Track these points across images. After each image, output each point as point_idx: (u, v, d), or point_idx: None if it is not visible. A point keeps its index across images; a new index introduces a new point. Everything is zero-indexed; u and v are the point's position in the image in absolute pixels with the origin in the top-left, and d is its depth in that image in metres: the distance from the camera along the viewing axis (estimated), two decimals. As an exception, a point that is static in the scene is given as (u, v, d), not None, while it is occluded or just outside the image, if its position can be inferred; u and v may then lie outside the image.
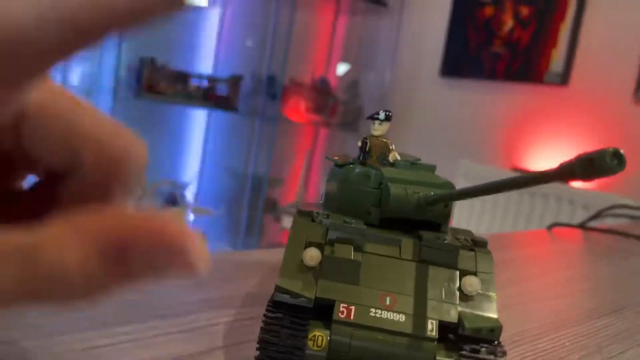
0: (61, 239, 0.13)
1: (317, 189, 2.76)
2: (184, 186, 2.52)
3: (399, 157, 0.36)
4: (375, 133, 0.37)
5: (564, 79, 1.92)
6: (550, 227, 0.95)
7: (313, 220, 0.31)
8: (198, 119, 2.59)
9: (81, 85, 2.16)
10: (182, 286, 0.41)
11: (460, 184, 1.68)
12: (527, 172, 1.94)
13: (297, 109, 2.56)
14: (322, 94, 2.63)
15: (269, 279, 0.46)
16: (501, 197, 1.93)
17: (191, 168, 2.62)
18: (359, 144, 0.37)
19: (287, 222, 2.56)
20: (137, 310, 0.35)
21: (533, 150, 1.99)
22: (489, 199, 1.96)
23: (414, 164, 0.37)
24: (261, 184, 2.49)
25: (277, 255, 0.54)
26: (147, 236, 0.14)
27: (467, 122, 2.25)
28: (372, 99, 2.65)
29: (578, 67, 1.91)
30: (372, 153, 0.36)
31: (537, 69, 2.00)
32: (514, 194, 1.88)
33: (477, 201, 2.01)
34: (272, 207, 2.63)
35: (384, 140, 0.37)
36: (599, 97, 1.84)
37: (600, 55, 1.85)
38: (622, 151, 0.19)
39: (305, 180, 2.72)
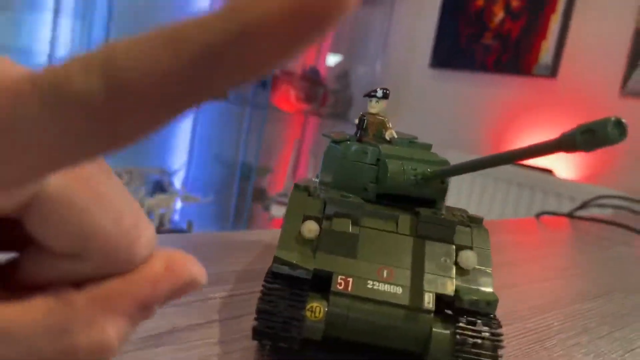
0: (94, 314, 0.15)
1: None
2: (172, 173, 2.51)
3: (395, 135, 0.36)
4: (373, 110, 0.37)
5: (553, 71, 1.94)
6: (538, 216, 0.96)
7: (310, 195, 0.31)
8: (187, 106, 2.57)
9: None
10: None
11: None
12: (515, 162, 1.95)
13: (287, 98, 2.55)
14: (312, 84, 2.62)
15: (262, 257, 0.46)
16: (488, 188, 1.95)
17: (180, 155, 2.60)
18: (356, 121, 0.37)
19: (276, 210, 2.56)
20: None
21: (522, 142, 2.00)
22: (476, 190, 1.97)
23: (410, 142, 0.37)
24: (250, 172, 2.48)
25: (270, 235, 0.54)
26: (167, 286, 0.16)
27: (457, 113, 2.26)
28: (362, 90, 2.63)
29: (567, 60, 1.92)
30: (369, 130, 0.36)
31: (527, 61, 2.01)
32: (501, 185, 1.89)
33: (464, 192, 2.02)
34: (261, 196, 2.62)
35: (381, 117, 0.37)
36: (587, 89, 1.85)
37: (589, 48, 1.87)
38: (624, 120, 0.20)
39: (293, 169, 2.72)
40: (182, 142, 2.61)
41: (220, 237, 0.52)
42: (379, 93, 0.36)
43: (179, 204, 2.49)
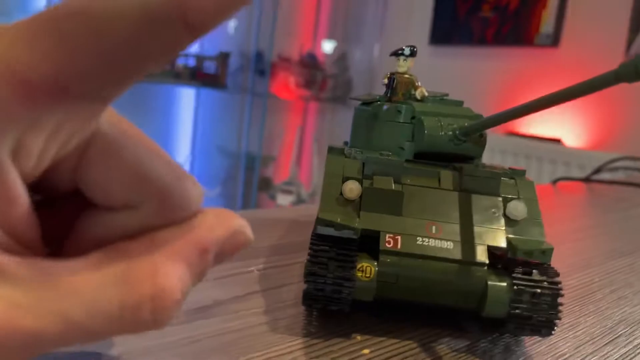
0: (153, 261, 0.14)
1: (310, 164, 2.74)
2: (176, 168, 2.49)
3: (426, 93, 0.35)
4: (401, 69, 0.36)
5: (554, 40, 1.91)
6: (555, 182, 0.94)
7: (346, 157, 0.30)
8: (187, 98, 2.56)
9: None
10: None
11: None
12: (522, 134, 1.94)
13: (286, 85, 2.53)
14: (310, 69, 2.60)
15: (291, 231, 0.45)
16: (496, 159, 1.93)
17: (183, 149, 2.59)
18: (385, 80, 0.36)
19: (282, 199, 2.55)
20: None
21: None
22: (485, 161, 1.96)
23: (442, 99, 0.36)
24: (254, 162, 2.47)
25: (294, 212, 0.53)
26: (222, 232, 0.16)
27: (458, 89, 2.24)
28: (361, 72, 2.63)
29: (568, 28, 1.90)
30: (398, 90, 0.35)
31: (527, 31, 1.99)
32: (508, 158, 1.88)
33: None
34: (266, 185, 2.61)
35: (410, 76, 0.36)
36: (591, 56, 1.83)
37: (591, 15, 1.84)
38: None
39: (297, 156, 2.71)
40: (183, 135, 2.59)
41: (244, 216, 0.51)
42: (407, 51, 0.35)
43: (185, 198, 2.48)
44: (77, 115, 0.13)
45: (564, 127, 1.85)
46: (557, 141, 1.83)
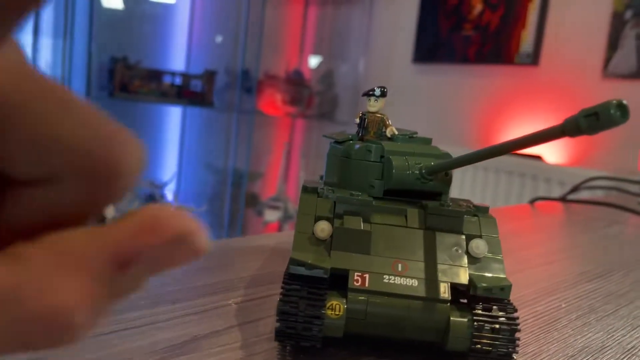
0: (48, 273, 0.11)
1: (297, 180, 2.76)
2: (163, 185, 2.50)
3: (396, 132, 0.37)
4: (372, 109, 0.37)
5: (534, 59, 1.96)
6: (532, 202, 0.97)
7: (319, 196, 0.32)
8: (174, 116, 2.57)
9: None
10: (186, 273, 0.42)
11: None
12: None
13: (273, 102, 2.56)
14: (297, 86, 2.63)
15: (270, 261, 0.46)
16: (479, 177, 1.96)
17: (170, 167, 2.59)
18: (357, 120, 0.38)
19: (269, 215, 2.56)
20: (142, 298, 0.35)
21: (508, 130, 2.03)
22: (467, 180, 1.99)
23: (410, 137, 0.38)
24: (241, 178, 2.48)
25: (275, 239, 0.54)
26: (147, 240, 0.12)
27: (441, 106, 2.28)
28: (347, 88, 2.66)
29: (547, 47, 1.95)
30: (369, 129, 0.37)
31: (508, 50, 2.04)
32: (491, 174, 1.91)
33: (455, 183, 2.04)
34: (254, 202, 2.62)
35: (380, 115, 0.38)
36: (569, 74, 1.88)
37: (569, 34, 1.89)
38: (625, 102, 0.20)
39: (284, 172, 2.72)
40: (170, 153, 2.60)
41: (224, 245, 0.53)
42: (377, 91, 0.37)
43: (171, 216, 2.48)
44: None
45: (545, 144, 1.89)
46: (538, 158, 1.86)
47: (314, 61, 2.80)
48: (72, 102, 0.12)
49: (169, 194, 2.54)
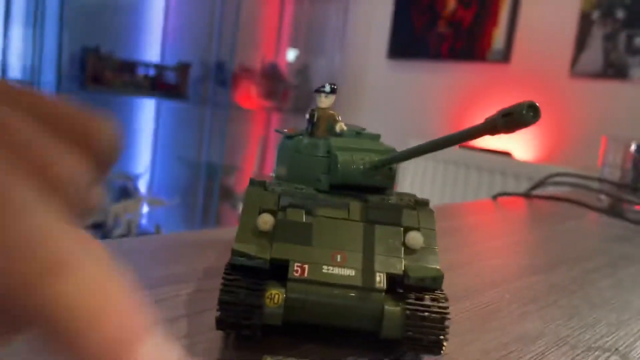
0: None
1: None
2: (136, 178, 2.48)
3: (345, 128, 0.38)
4: (322, 105, 0.38)
5: (505, 56, 1.99)
6: (495, 197, 0.99)
7: (265, 189, 0.33)
8: (147, 108, 2.55)
9: (21, 78, 2.08)
10: (139, 265, 0.42)
11: (410, 163, 1.74)
12: (473, 147, 2.01)
13: (248, 96, 2.55)
14: (272, 80, 2.63)
15: (226, 254, 0.47)
16: (449, 173, 1.99)
17: (143, 159, 2.57)
18: (307, 116, 0.39)
19: (244, 209, 2.56)
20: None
21: (479, 127, 2.06)
22: (437, 176, 2.02)
23: (359, 133, 0.39)
24: (215, 172, 2.47)
25: (231, 233, 0.55)
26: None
27: (414, 102, 2.30)
28: (322, 83, 2.66)
29: (518, 45, 1.98)
30: (319, 124, 0.38)
31: (480, 47, 2.07)
32: (461, 170, 1.94)
33: (425, 178, 2.07)
34: (228, 195, 2.62)
35: (331, 112, 0.39)
36: (539, 72, 1.92)
37: (539, 33, 1.93)
38: (536, 104, 0.22)
39: (259, 166, 2.72)
40: (144, 145, 2.58)
41: (189, 237, 0.53)
42: (327, 88, 0.38)
43: (145, 209, 2.47)
44: None
45: (513, 140, 1.93)
46: (507, 154, 1.90)
47: (291, 55, 2.80)
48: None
49: (142, 186, 2.52)
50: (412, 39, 2.31)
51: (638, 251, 0.69)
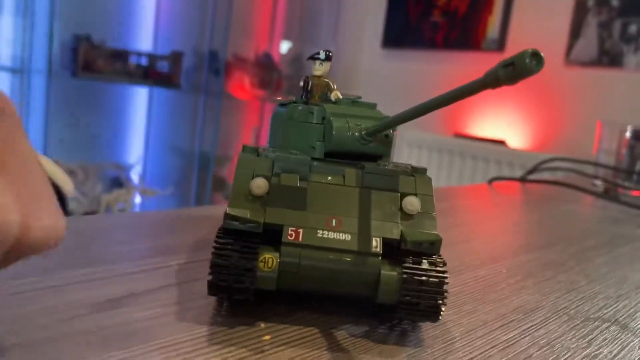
0: None
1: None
2: (129, 168, 2.46)
3: (340, 96, 0.37)
4: (317, 73, 0.37)
5: (500, 45, 1.99)
6: (490, 181, 0.99)
7: (259, 156, 0.32)
8: (140, 97, 2.52)
9: (12, 66, 2.06)
10: (132, 237, 0.41)
11: (405, 152, 1.74)
12: (468, 136, 2.00)
13: (242, 85, 2.54)
14: (266, 69, 2.61)
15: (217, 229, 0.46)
16: (444, 162, 1.99)
17: (136, 149, 2.55)
18: (301, 83, 0.38)
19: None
20: (84, 257, 0.35)
21: (473, 116, 2.05)
22: (433, 165, 2.02)
23: (355, 101, 0.38)
24: (208, 162, 2.46)
25: (223, 210, 0.54)
26: None
27: (409, 91, 2.30)
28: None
29: (513, 33, 1.98)
30: (314, 92, 0.37)
31: (475, 36, 2.06)
32: (456, 159, 1.94)
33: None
34: (221, 185, 2.61)
35: (326, 80, 0.38)
36: (533, 61, 1.91)
37: (534, 21, 1.92)
38: (540, 51, 0.21)
39: (253, 156, 2.71)
40: (136, 135, 2.56)
41: (183, 213, 0.52)
42: (322, 55, 0.37)
43: (138, 199, 2.45)
44: None
45: (508, 129, 1.92)
46: (502, 143, 1.89)
47: (284, 45, 2.78)
48: None
49: (135, 176, 2.50)
50: (406, 28, 2.30)
51: (633, 232, 0.68)
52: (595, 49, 1.78)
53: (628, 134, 1.03)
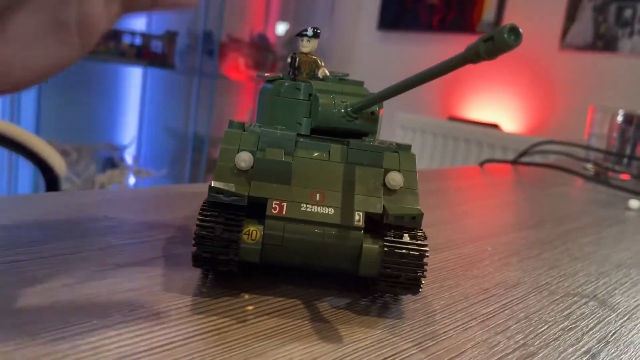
0: None
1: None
2: (122, 149, 2.45)
3: (328, 73, 0.37)
4: (305, 50, 0.38)
5: (495, 28, 1.98)
6: (482, 164, 0.99)
7: (244, 131, 0.32)
8: (133, 77, 2.51)
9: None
10: (121, 213, 0.42)
11: (399, 135, 1.75)
12: (462, 119, 2.01)
13: (236, 66, 2.52)
14: (261, 51, 2.60)
15: (208, 205, 0.47)
16: (438, 145, 1.99)
17: (129, 129, 2.54)
18: (289, 60, 0.38)
19: (231, 181, 2.55)
20: (72, 231, 0.35)
21: (467, 99, 2.05)
22: (426, 148, 2.02)
23: (342, 79, 0.38)
24: (202, 143, 2.45)
25: (216, 187, 0.54)
26: None
27: (404, 74, 2.28)
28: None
29: (509, 17, 1.97)
30: (301, 69, 0.37)
31: (470, 19, 2.05)
32: (449, 142, 1.94)
33: (413, 150, 2.07)
34: (215, 167, 2.60)
35: (313, 57, 0.38)
36: (529, 44, 1.90)
37: (529, 5, 1.91)
38: (518, 26, 0.21)
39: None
40: (130, 116, 2.55)
41: (172, 190, 0.53)
42: (310, 32, 0.37)
43: (132, 180, 2.45)
44: None
45: (502, 113, 1.92)
46: (495, 126, 1.90)
47: (281, 28, 2.76)
48: None
49: (129, 157, 2.50)
50: (402, 10, 2.28)
51: (622, 214, 0.69)
52: (591, 33, 1.77)
53: (620, 118, 1.03)
